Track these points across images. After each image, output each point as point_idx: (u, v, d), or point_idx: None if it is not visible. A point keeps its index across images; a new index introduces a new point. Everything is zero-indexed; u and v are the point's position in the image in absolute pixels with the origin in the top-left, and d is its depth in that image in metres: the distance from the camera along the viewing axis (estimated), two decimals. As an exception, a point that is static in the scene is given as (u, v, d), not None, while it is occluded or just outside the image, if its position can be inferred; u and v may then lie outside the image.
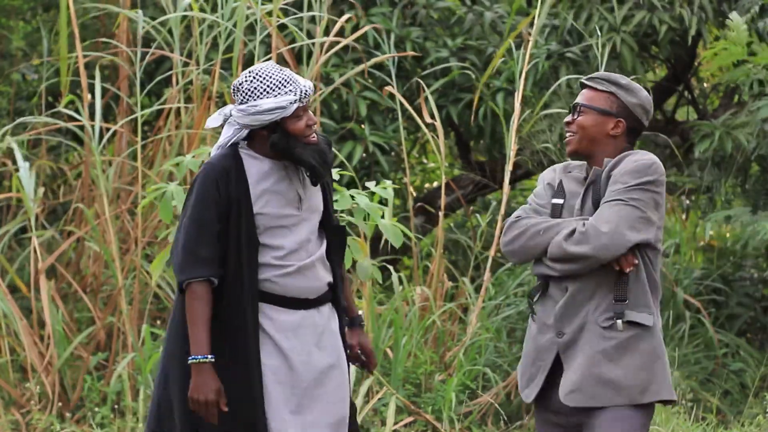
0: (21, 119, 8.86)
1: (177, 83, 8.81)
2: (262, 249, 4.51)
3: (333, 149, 4.71)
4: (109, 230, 8.37)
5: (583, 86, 4.55)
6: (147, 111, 8.78)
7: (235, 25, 8.61)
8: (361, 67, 9.10)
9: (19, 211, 9.22)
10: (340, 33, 9.41)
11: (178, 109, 8.84)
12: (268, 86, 4.46)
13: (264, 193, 4.52)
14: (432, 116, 8.86)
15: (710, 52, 8.55)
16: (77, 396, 8.17)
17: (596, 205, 4.40)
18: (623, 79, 4.51)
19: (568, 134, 4.51)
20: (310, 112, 4.54)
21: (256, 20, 8.64)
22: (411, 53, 9.61)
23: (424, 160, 12.29)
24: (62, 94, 8.87)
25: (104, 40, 9.22)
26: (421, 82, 9.28)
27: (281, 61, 8.83)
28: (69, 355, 8.20)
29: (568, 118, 4.50)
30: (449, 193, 10.19)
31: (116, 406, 8.07)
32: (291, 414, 4.52)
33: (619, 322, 4.33)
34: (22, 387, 8.17)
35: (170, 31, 8.73)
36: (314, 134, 4.54)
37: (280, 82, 4.47)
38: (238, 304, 4.49)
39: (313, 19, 9.29)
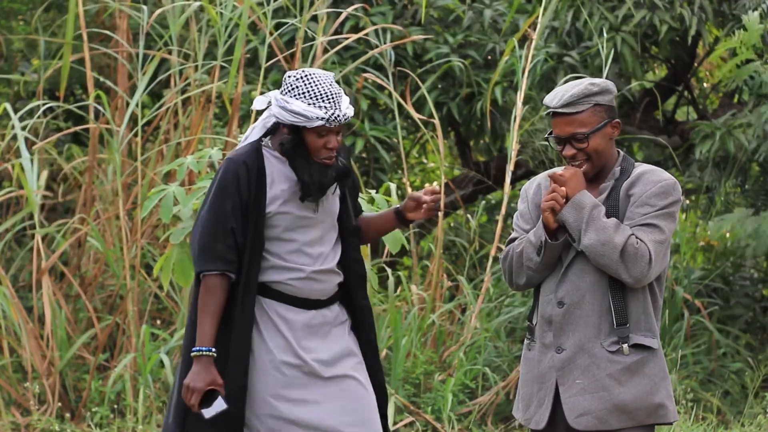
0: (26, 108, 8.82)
1: (175, 84, 8.80)
2: (279, 244, 4.57)
3: (348, 177, 4.67)
4: (123, 229, 8.36)
5: (556, 114, 4.38)
6: (149, 115, 8.75)
7: (234, 26, 8.59)
8: (360, 60, 9.10)
9: (20, 210, 9.19)
10: (340, 32, 9.40)
11: (176, 110, 8.83)
12: (307, 92, 4.47)
13: (282, 193, 4.56)
14: (430, 114, 8.84)
15: (717, 53, 8.48)
16: (83, 397, 8.16)
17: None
18: (594, 86, 4.39)
19: (575, 163, 4.40)
20: (338, 138, 4.52)
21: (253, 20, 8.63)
22: (412, 38, 9.57)
23: (424, 160, 12.28)
24: (61, 94, 8.85)
25: (106, 32, 9.19)
26: (417, 79, 9.26)
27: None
28: (70, 355, 8.21)
29: (572, 151, 4.38)
30: (449, 193, 10.18)
31: (116, 406, 8.07)
32: (299, 406, 4.57)
33: (625, 346, 4.33)
34: (23, 387, 8.17)
35: (170, 37, 8.72)
36: (330, 158, 4.54)
37: (319, 95, 4.47)
38: (237, 300, 4.55)
39: (314, 18, 9.27)
